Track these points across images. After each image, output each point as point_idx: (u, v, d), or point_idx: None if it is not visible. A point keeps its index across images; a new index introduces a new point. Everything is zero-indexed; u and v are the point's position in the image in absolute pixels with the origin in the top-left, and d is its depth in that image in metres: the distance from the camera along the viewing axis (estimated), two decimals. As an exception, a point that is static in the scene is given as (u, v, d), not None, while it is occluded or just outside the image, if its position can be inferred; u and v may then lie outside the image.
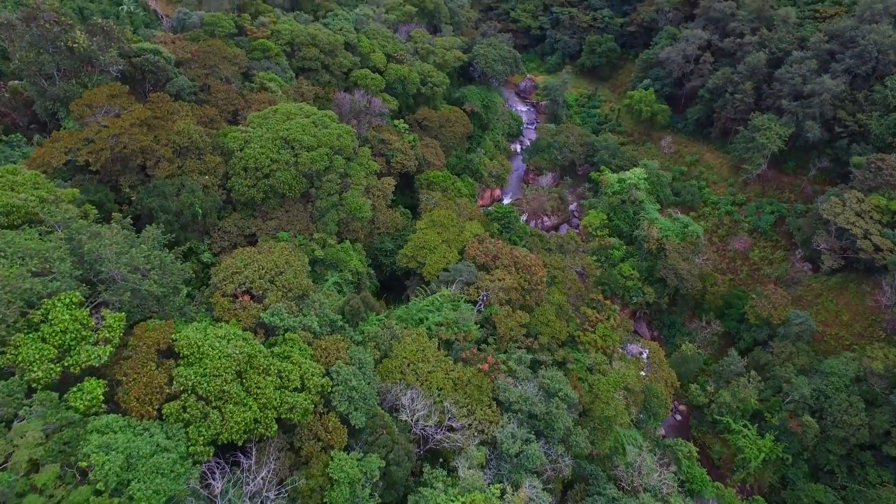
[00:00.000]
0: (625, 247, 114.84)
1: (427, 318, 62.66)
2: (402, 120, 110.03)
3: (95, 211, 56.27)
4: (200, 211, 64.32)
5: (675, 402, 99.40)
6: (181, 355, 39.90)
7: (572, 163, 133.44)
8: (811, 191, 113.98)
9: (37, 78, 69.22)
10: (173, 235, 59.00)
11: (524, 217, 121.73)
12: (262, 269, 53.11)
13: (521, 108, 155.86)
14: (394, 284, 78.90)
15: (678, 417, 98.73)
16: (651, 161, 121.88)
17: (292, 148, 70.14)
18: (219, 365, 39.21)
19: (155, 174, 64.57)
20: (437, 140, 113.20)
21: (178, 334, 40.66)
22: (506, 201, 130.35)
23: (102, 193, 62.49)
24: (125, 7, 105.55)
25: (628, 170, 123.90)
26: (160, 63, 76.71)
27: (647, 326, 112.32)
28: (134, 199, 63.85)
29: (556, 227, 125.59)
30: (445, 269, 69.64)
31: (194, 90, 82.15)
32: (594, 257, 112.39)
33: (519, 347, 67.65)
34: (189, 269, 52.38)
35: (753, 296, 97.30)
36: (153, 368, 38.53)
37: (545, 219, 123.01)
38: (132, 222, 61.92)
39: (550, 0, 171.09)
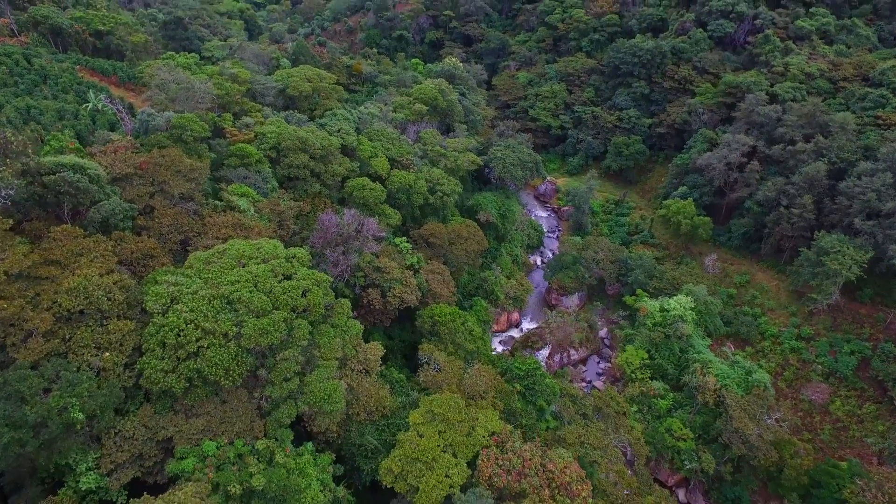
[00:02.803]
0: (671, 394, 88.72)
1: None
2: (405, 238, 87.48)
3: None
4: (81, 416, 40.04)
5: None
6: None
7: (601, 279, 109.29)
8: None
9: None
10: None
11: (548, 350, 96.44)
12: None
13: (541, 214, 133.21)
14: (378, 496, 53.00)
15: None
16: (697, 286, 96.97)
17: (236, 311, 46.54)
18: None
19: (18, 357, 40.93)
20: (445, 260, 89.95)
21: None
22: (525, 326, 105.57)
23: (-72, 390, 38.74)
24: (91, 105, 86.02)
25: (668, 294, 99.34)
26: (81, 183, 54.80)
27: (704, 497, 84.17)
28: (-21, 397, 40.07)
29: (583, 361, 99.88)
30: (448, 499, 44.06)
31: (132, 214, 59.98)
32: (635, 408, 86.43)
33: None
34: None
35: (857, 480, 69.84)
36: None
37: (572, 351, 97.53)
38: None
39: (572, 99, 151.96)
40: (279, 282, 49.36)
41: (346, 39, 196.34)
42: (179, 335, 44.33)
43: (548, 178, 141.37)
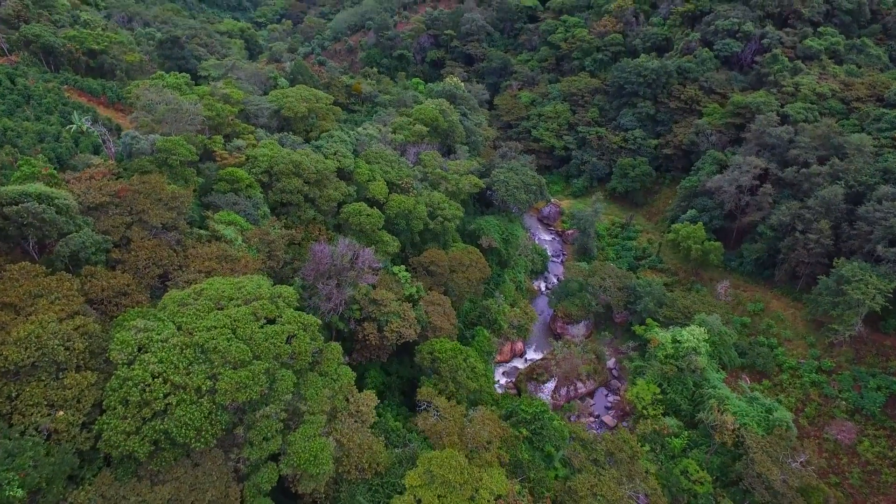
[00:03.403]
0: (685, 431, 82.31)
1: None
2: (403, 266, 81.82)
3: None
4: (21, 492, 34.12)
5: None
6: None
7: (608, 307, 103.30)
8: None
9: None
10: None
11: (553, 384, 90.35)
12: None
13: (545, 238, 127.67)
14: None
15: None
16: (710, 315, 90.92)
17: (211, 362, 40.76)
18: None
19: (-45, 421, 35.26)
20: (446, 289, 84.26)
21: None
22: (529, 356, 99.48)
23: None
24: (75, 127, 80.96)
25: (679, 323, 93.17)
26: (47, 214, 49.45)
27: (723, 545, 77.51)
28: None
29: (591, 394, 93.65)
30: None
31: (106, 247, 54.57)
32: (647, 447, 79.97)
33: None
34: None
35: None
36: None
37: (579, 384, 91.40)
38: None
39: (576, 119, 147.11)
40: (261, 326, 43.68)
41: (346, 59, 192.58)
42: (145, 391, 38.54)
43: (552, 200, 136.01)
